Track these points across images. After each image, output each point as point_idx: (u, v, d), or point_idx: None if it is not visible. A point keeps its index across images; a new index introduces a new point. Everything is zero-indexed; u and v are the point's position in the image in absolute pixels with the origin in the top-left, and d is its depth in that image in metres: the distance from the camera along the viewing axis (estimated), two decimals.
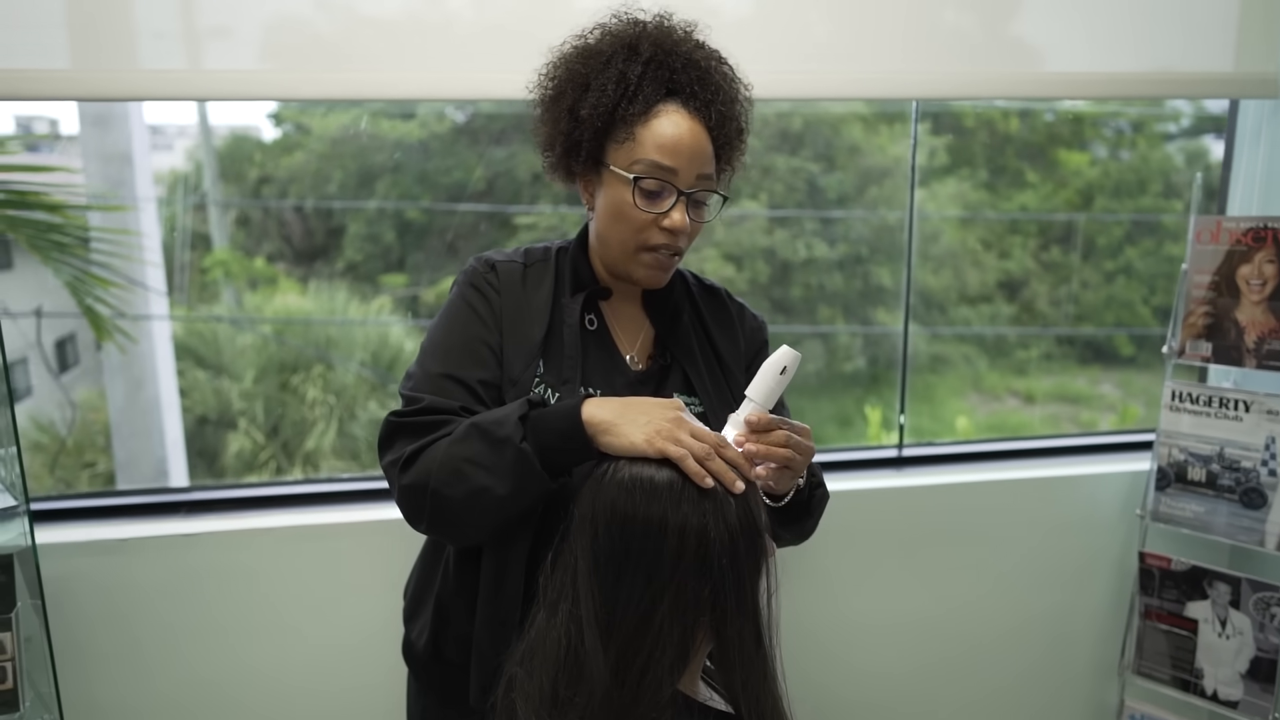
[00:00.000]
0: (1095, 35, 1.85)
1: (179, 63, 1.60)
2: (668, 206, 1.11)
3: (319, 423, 5.65)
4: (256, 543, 1.72)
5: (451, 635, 1.18)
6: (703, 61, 1.12)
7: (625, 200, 1.11)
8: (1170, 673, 1.91)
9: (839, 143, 7.47)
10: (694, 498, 0.92)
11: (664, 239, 1.12)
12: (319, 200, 6.66)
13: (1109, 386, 7.83)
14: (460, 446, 1.03)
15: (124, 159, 3.82)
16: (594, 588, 0.92)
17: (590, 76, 1.11)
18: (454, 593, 1.17)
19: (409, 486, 1.05)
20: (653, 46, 1.11)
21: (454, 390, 1.11)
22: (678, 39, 1.13)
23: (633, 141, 1.10)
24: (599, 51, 1.12)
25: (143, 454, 4.15)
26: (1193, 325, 1.87)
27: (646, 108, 1.09)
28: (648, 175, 1.10)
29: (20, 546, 1.49)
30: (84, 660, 1.68)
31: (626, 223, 1.12)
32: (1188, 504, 1.88)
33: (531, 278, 1.19)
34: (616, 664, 0.91)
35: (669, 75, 1.11)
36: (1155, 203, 7.76)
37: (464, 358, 1.13)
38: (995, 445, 2.13)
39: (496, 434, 1.01)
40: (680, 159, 1.09)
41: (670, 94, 1.11)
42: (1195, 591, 1.86)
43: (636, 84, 1.09)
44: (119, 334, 3.17)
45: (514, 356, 1.14)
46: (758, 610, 0.98)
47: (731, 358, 1.25)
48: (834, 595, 1.95)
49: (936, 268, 7.58)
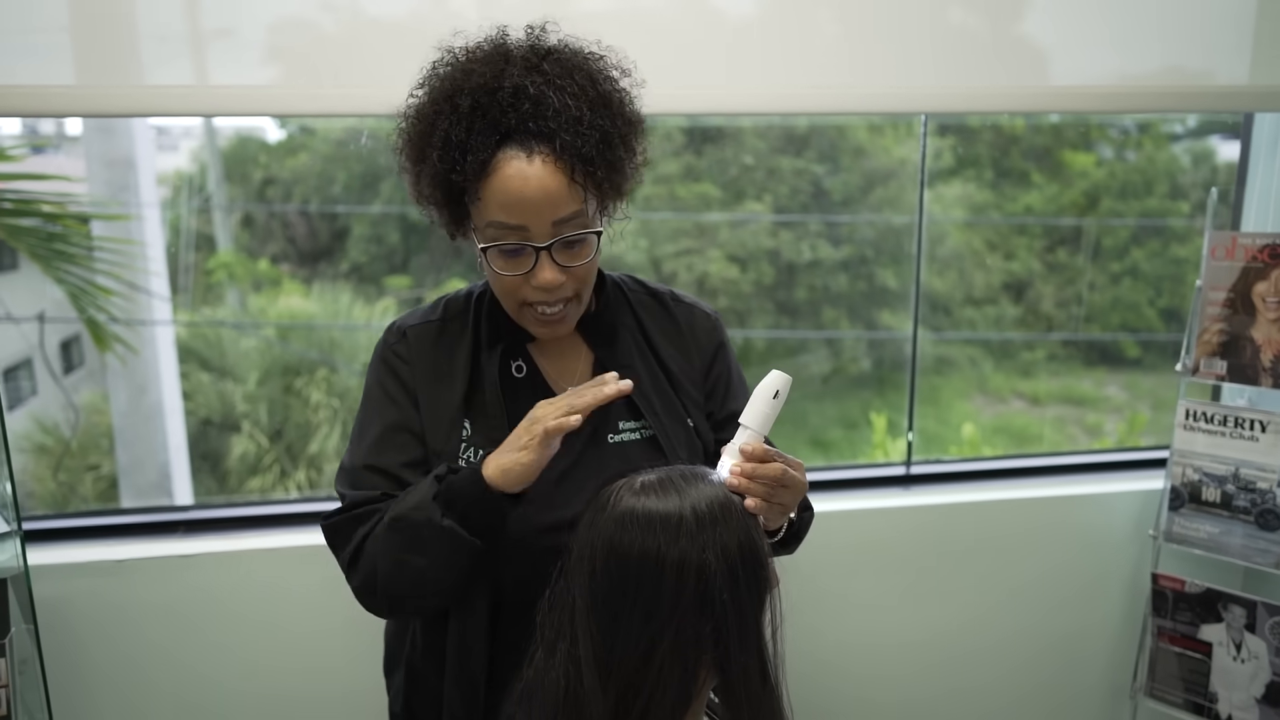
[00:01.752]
0: (1108, 49, 1.81)
1: (186, 77, 1.58)
2: (530, 266, 1.01)
3: (322, 426, 5.63)
4: (257, 563, 1.69)
5: (424, 697, 1.15)
6: (534, 86, 0.98)
7: (488, 266, 1.03)
8: (1183, 696, 1.88)
9: (844, 144, 7.44)
10: (692, 530, 0.88)
11: (541, 296, 1.03)
12: (323, 202, 6.65)
13: (1115, 389, 7.79)
14: (386, 542, 1.02)
15: (128, 163, 3.80)
16: (592, 627, 0.89)
17: (422, 144, 1.01)
18: (423, 655, 1.14)
19: (360, 590, 1.06)
20: (472, 92, 0.98)
21: (376, 480, 1.08)
22: (507, 64, 1.00)
23: (480, 202, 1.00)
24: (421, 114, 1.01)
25: (146, 460, 4.14)
26: (1207, 343, 1.84)
27: (481, 165, 0.97)
28: (500, 240, 1.00)
29: (13, 570, 1.47)
30: (79, 684, 1.66)
31: (500, 285, 1.05)
32: (1202, 525, 1.85)
33: (449, 334, 1.12)
34: (617, 706, 0.88)
35: (497, 118, 0.97)
36: (1161, 204, 7.72)
37: (383, 446, 1.09)
38: (1004, 463, 2.11)
39: (415, 519, 1.00)
40: (526, 214, 0.98)
41: (504, 139, 0.98)
42: (1210, 614, 1.83)
43: (464, 142, 0.97)
44: (119, 344, 3.15)
45: (434, 428, 1.09)
46: (762, 645, 0.95)
47: (682, 370, 1.17)
48: (840, 616, 1.92)
49: (942, 269, 7.54)
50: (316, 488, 5.48)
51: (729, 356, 1.22)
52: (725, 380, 1.20)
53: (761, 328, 7.13)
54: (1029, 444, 7.17)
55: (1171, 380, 1.90)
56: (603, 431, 1.11)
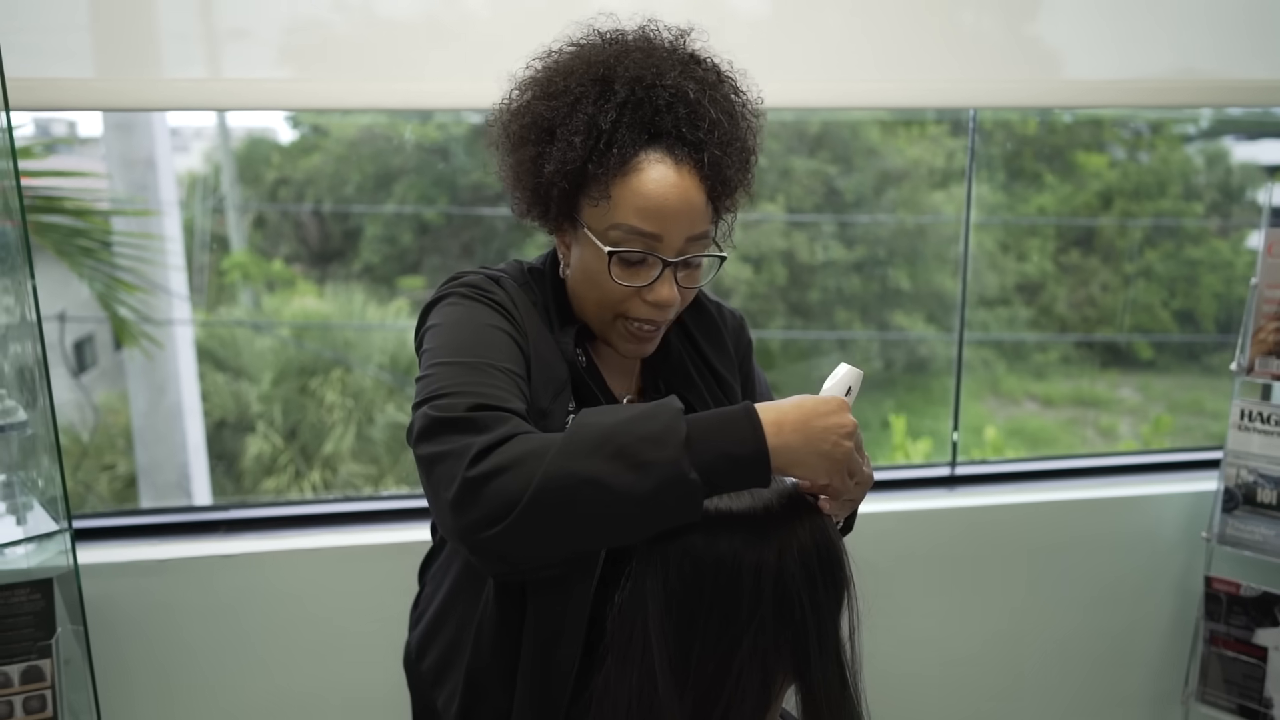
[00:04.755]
0: (1150, 41, 1.79)
1: (202, 71, 1.56)
2: (651, 278, 0.93)
3: (337, 426, 5.62)
4: (298, 563, 1.67)
5: (488, 710, 1.00)
6: (693, 91, 0.92)
7: (600, 270, 0.93)
8: (1236, 701, 1.85)
9: (857, 145, 7.41)
10: (768, 531, 0.86)
11: (647, 313, 0.95)
12: (337, 203, 6.64)
13: (1129, 390, 7.76)
14: (590, 462, 0.77)
15: (147, 163, 3.79)
16: (666, 632, 0.87)
17: (556, 123, 0.93)
18: (488, 664, 0.98)
19: (486, 481, 0.77)
20: (630, 82, 0.91)
21: (503, 383, 0.87)
22: (662, 61, 0.93)
23: (608, 202, 0.91)
24: (565, 90, 0.93)
25: (165, 460, 4.12)
26: (1263, 342, 1.81)
27: (623, 161, 0.90)
28: (626, 245, 0.92)
29: (61, 568, 1.45)
30: (121, 684, 1.63)
31: (603, 292, 0.95)
32: (1257, 527, 1.82)
33: (522, 302, 1.01)
34: (693, 715, 0.86)
35: (650, 116, 0.91)
36: (1175, 205, 7.69)
37: (497, 351, 0.91)
38: (1050, 464, 2.08)
39: (648, 457, 0.77)
40: (665, 223, 0.91)
41: (652, 140, 0.91)
42: (1265, 618, 1.80)
43: (610, 133, 0.90)
44: (146, 340, 3.14)
45: (540, 382, 0.95)
46: (840, 649, 0.93)
47: (726, 370, 1.12)
48: (883, 618, 1.89)
49: (954, 270, 7.52)
50: (331, 488, 5.47)
51: (754, 357, 1.19)
52: (752, 381, 1.18)
53: (775, 328, 7.11)
54: (1043, 447, 7.14)
55: (1186, 382, 1.88)
56: None
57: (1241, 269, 7.29)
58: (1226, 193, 7.82)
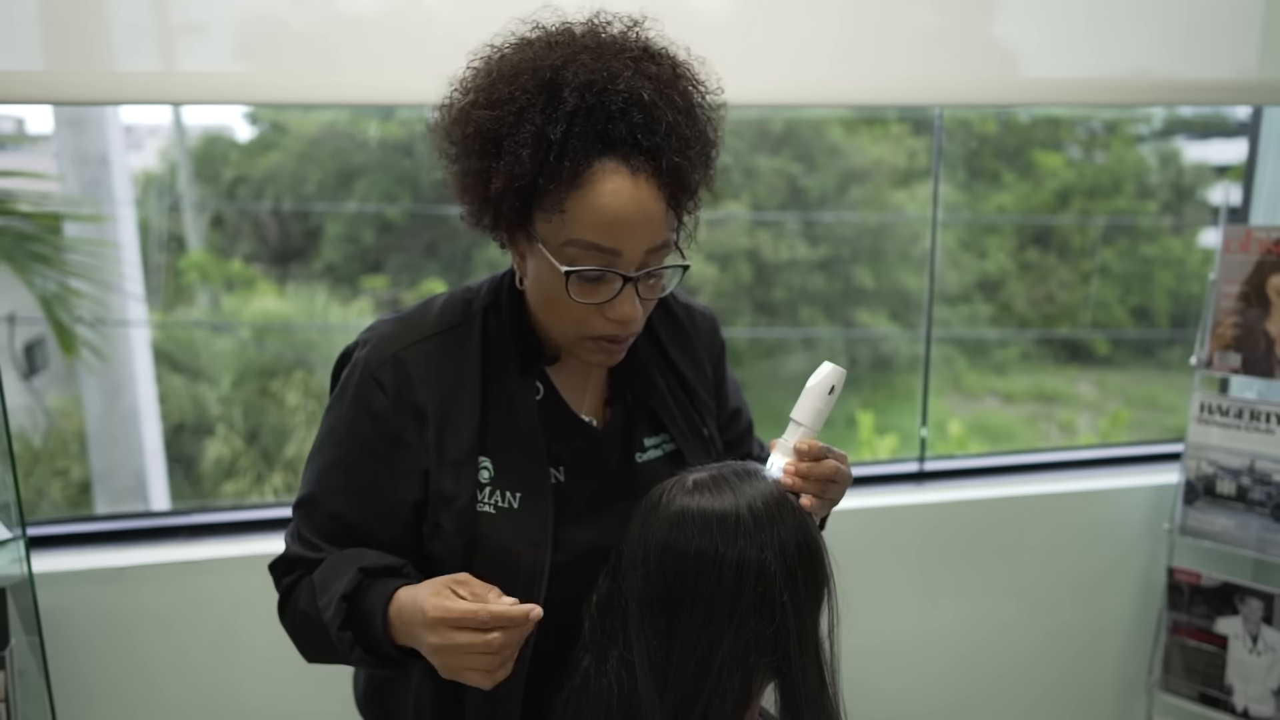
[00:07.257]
0: (1110, 40, 1.82)
1: (156, 64, 1.52)
2: (611, 295, 0.88)
3: (299, 428, 5.53)
4: (261, 570, 1.62)
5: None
6: (648, 93, 0.85)
7: (557, 287, 0.88)
8: (1199, 689, 1.88)
9: (820, 144, 7.46)
10: (750, 529, 0.86)
11: (610, 330, 0.91)
12: (297, 201, 6.53)
13: (1087, 385, 7.90)
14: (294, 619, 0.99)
15: (100, 160, 3.69)
16: (647, 631, 0.86)
17: (501, 134, 0.85)
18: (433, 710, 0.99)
19: (281, 612, 1.04)
20: (580, 89, 0.84)
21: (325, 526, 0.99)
22: (613, 60, 0.86)
23: (562, 216, 0.85)
24: (510, 97, 0.85)
25: (121, 464, 4.02)
26: (1221, 336, 1.85)
27: (575, 174, 0.84)
28: (583, 263, 0.86)
29: (15, 577, 1.40)
30: (79, 695, 1.58)
31: (562, 311, 0.91)
32: (1217, 518, 1.85)
33: (450, 353, 0.96)
34: (674, 713, 0.85)
35: (603, 124, 0.84)
36: (1130, 204, 7.83)
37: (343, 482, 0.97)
38: (1017, 459, 2.10)
39: (318, 620, 0.93)
40: (623, 237, 0.85)
41: (606, 149, 0.84)
42: (1226, 607, 1.84)
43: (560, 144, 0.83)
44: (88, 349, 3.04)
45: (440, 470, 0.94)
46: (819, 647, 0.93)
47: (696, 378, 1.08)
48: (852, 613, 1.90)
49: (917, 268, 7.60)
50: (294, 492, 5.38)
51: (727, 357, 1.17)
52: (725, 380, 1.16)
53: (741, 327, 7.13)
54: (1005, 441, 7.24)
55: (1141, 376, 1.92)
56: (630, 451, 1.03)
57: (1194, 266, 7.45)
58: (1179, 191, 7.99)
